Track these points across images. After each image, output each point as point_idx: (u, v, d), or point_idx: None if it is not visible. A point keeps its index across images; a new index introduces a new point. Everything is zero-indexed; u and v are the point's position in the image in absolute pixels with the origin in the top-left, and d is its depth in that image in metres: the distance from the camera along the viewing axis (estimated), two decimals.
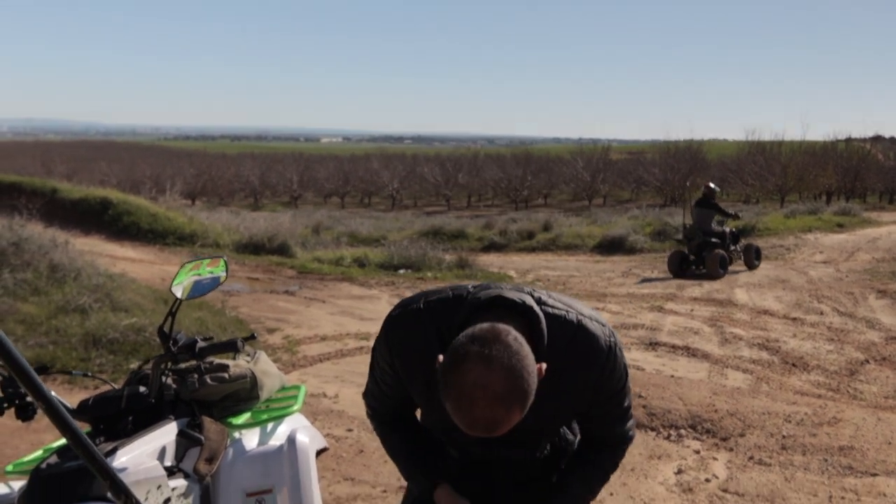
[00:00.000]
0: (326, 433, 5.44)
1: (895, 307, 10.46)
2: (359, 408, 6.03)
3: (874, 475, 4.70)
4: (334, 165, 62.09)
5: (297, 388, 2.65)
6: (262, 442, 2.37)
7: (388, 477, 4.70)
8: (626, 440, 1.96)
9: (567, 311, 1.74)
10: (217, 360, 2.44)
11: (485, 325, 1.52)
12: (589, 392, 1.78)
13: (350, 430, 5.57)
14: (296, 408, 2.47)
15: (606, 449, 1.94)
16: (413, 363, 1.79)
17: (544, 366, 1.55)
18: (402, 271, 13.85)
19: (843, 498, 4.39)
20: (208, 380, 2.36)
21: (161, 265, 13.04)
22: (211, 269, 2.45)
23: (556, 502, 1.89)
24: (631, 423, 1.94)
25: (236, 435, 2.36)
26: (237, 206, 44.06)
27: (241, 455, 2.25)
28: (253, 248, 15.24)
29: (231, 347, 2.32)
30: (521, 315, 1.63)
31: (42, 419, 5.44)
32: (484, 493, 1.97)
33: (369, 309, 10.27)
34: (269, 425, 2.45)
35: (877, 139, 63.34)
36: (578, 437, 2.02)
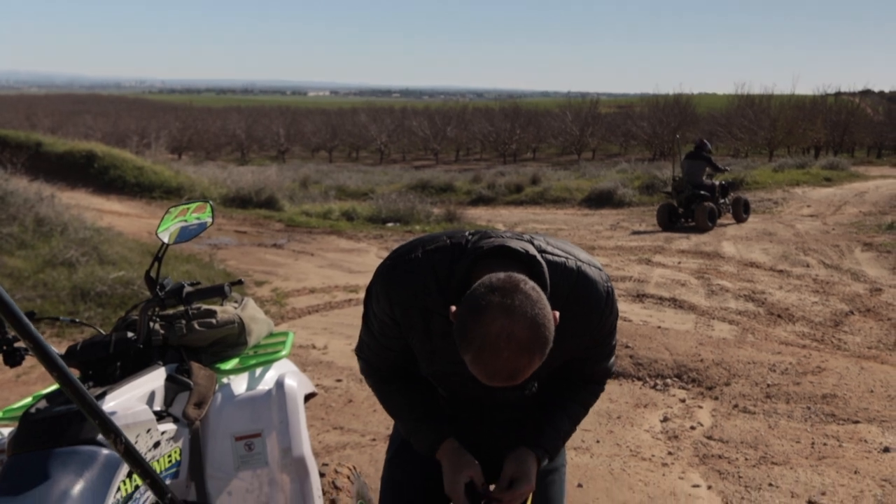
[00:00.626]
0: (316, 384, 5.46)
1: (880, 260, 10.53)
2: (347, 358, 6.06)
3: (856, 422, 4.77)
4: (321, 119, 61.56)
5: (285, 334, 2.65)
6: (250, 387, 2.37)
7: (376, 426, 4.74)
8: (609, 375, 1.99)
9: (567, 259, 1.74)
10: (205, 306, 2.44)
11: (501, 275, 1.51)
12: (587, 335, 1.80)
13: (339, 381, 5.60)
14: (284, 353, 2.47)
15: (590, 384, 1.98)
16: (413, 313, 1.77)
17: (558, 314, 1.55)
18: (390, 224, 13.84)
19: (825, 444, 4.45)
20: (196, 325, 2.36)
21: (148, 219, 12.97)
22: (197, 214, 2.43)
23: (544, 438, 1.91)
24: (614, 359, 1.96)
25: (225, 380, 2.36)
26: (224, 160, 43.72)
27: (230, 399, 2.26)
28: (240, 201, 15.18)
29: (218, 292, 2.31)
30: (523, 264, 1.63)
31: (32, 371, 5.45)
32: (474, 433, 1.99)
33: (358, 262, 10.28)
34: (258, 370, 2.46)
35: (866, 93, 63.30)
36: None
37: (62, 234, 9.44)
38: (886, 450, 4.35)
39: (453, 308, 1.55)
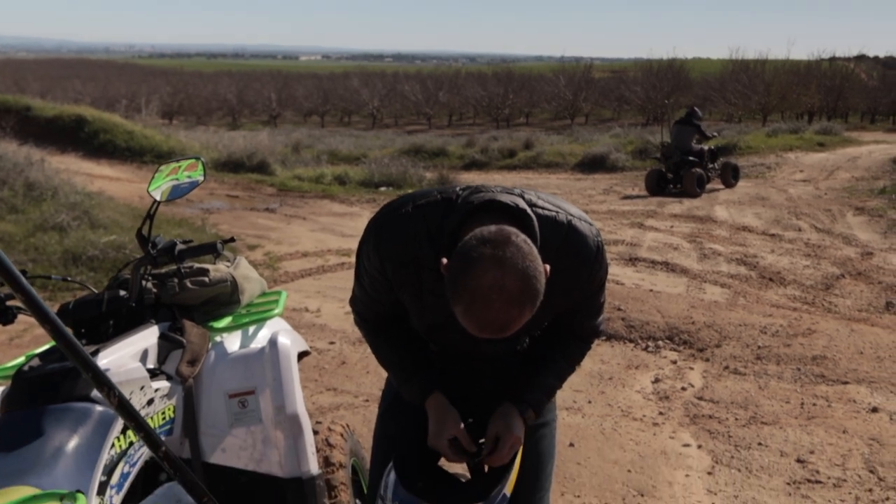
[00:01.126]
0: (309, 346, 5.48)
1: (872, 224, 10.57)
2: (340, 321, 6.08)
3: (845, 383, 4.81)
4: (313, 84, 61.04)
5: (278, 293, 2.65)
6: (243, 344, 2.37)
7: (369, 387, 4.76)
8: (598, 333, 2.00)
9: (557, 213, 1.74)
10: (197, 264, 2.43)
11: (492, 228, 1.51)
12: (577, 291, 1.80)
13: (332, 343, 5.62)
14: (277, 311, 2.47)
15: (578, 342, 1.98)
16: (403, 268, 1.77)
17: (549, 267, 1.56)
18: (382, 189, 13.80)
19: (814, 405, 4.50)
20: (188, 284, 2.35)
21: (139, 183, 12.89)
22: (189, 172, 2.41)
23: (529, 394, 1.92)
24: (602, 317, 1.96)
25: (218, 338, 2.36)
26: (215, 125, 43.38)
27: (223, 357, 2.26)
28: (232, 166, 15.10)
29: (210, 249, 2.30)
30: (514, 218, 1.63)
31: (24, 334, 5.44)
32: (463, 386, 2.00)
33: (350, 226, 10.26)
34: (251, 328, 2.46)
35: (861, 58, 63.08)
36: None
37: (53, 199, 9.40)
38: (875, 410, 4.40)
39: (444, 261, 1.55)
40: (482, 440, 1.91)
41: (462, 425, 1.89)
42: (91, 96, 45.80)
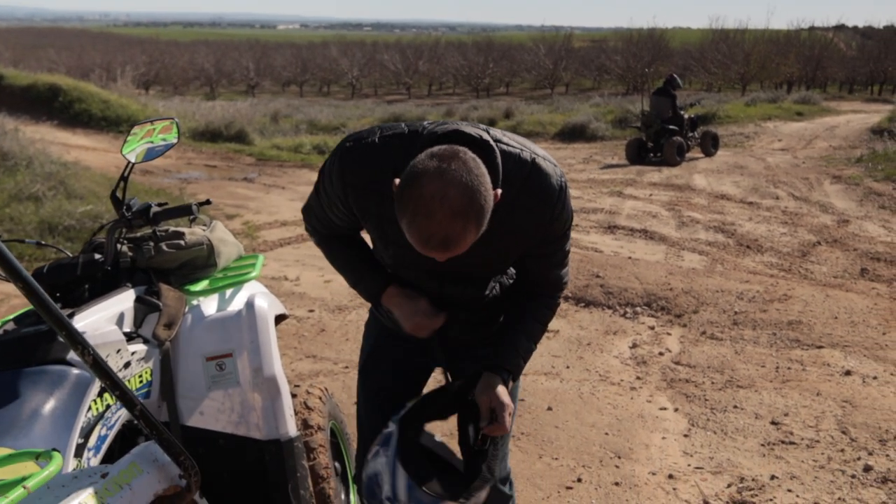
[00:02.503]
0: (289, 313, 5.48)
1: (848, 192, 10.66)
2: (320, 290, 6.07)
3: (820, 347, 4.88)
4: (292, 53, 60.37)
5: (255, 256, 2.63)
6: (220, 308, 2.36)
7: (349, 354, 4.77)
8: (562, 286, 2.01)
9: (522, 150, 1.74)
10: (172, 228, 2.41)
11: (443, 146, 1.54)
12: (539, 230, 1.80)
13: (311, 311, 5.62)
14: (253, 274, 2.46)
15: (544, 298, 1.99)
16: (367, 197, 1.78)
17: (500, 191, 1.57)
18: None
19: (789, 368, 4.56)
20: (164, 247, 2.33)
21: (115, 153, 12.73)
22: (163, 135, 2.39)
23: (505, 359, 1.93)
24: (567, 269, 1.97)
25: (195, 301, 2.35)
26: (192, 95, 42.88)
27: (200, 320, 2.25)
28: (210, 135, 14.94)
29: (186, 212, 2.29)
30: (478, 149, 1.63)
31: (2, 304, 5.38)
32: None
33: None
34: (228, 292, 2.45)
35: (840, 28, 63.16)
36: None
37: (27, 169, 9.27)
38: (848, 373, 4.46)
39: (396, 180, 1.55)
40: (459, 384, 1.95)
41: (426, 301, 1.93)
42: (66, 66, 45.03)
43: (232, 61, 56.55)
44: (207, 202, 2.49)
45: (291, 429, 2.27)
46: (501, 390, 1.88)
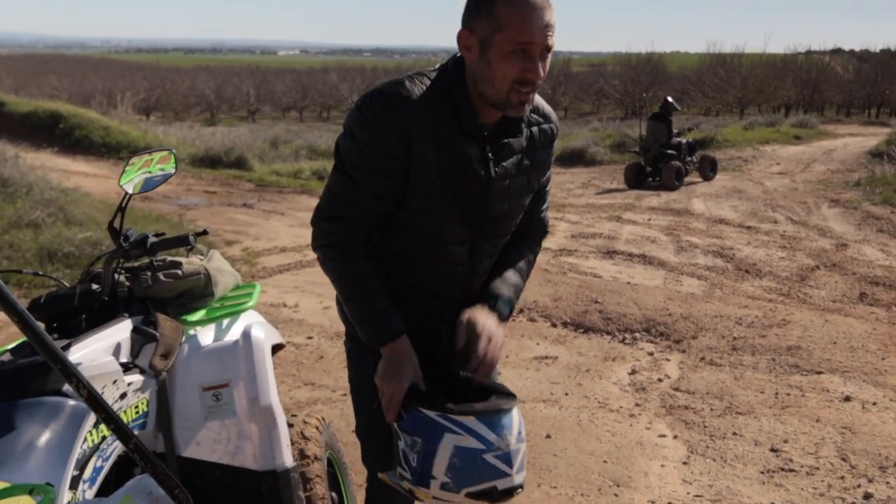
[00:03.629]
0: (287, 341, 5.46)
1: (846, 216, 10.68)
2: (318, 316, 6.07)
3: (819, 373, 4.87)
4: (292, 79, 60.79)
5: (252, 286, 2.64)
6: (217, 338, 2.36)
7: (346, 381, 4.74)
8: (546, 229, 2.19)
9: None
10: (170, 257, 2.42)
11: None
12: (550, 154, 2.00)
13: (310, 338, 5.61)
14: (250, 304, 2.47)
15: (531, 242, 2.13)
16: (421, 123, 1.77)
17: None
18: None
19: (788, 394, 4.54)
20: (161, 277, 2.34)
21: (115, 179, 12.64)
22: (161, 165, 2.40)
23: (503, 288, 1.98)
24: (548, 206, 2.15)
25: (192, 331, 2.35)
26: (193, 120, 43.07)
27: (197, 350, 2.25)
28: (210, 161, 14.99)
29: (183, 242, 2.30)
30: None
31: (1, 331, 5.37)
32: (421, 332, 1.96)
33: None
34: (225, 321, 2.45)
35: (837, 52, 63.56)
36: None
37: (27, 195, 9.31)
38: (847, 399, 4.45)
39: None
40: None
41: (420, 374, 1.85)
42: (67, 92, 45.30)
43: (232, 87, 56.88)
44: (205, 232, 2.51)
45: (288, 459, 2.26)
46: (489, 319, 1.89)
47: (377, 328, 1.87)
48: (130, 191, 2.33)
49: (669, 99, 14.85)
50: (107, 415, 1.47)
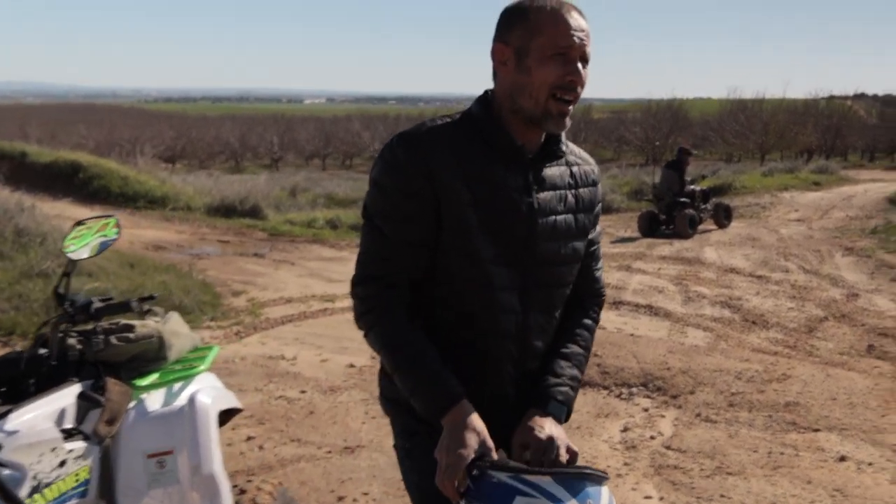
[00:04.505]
0: (280, 395, 5.46)
1: (860, 264, 10.55)
2: (315, 369, 6.05)
3: (816, 430, 4.76)
4: (315, 127, 61.62)
5: (210, 348, 2.63)
6: (166, 402, 2.35)
7: (334, 438, 4.72)
8: (603, 294, 2.04)
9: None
10: (123, 320, 2.42)
11: None
12: (596, 196, 1.92)
13: (303, 392, 5.58)
14: (202, 367, 2.45)
15: (591, 309, 1.99)
16: (448, 159, 1.70)
17: None
18: None
19: (782, 453, 4.44)
20: (114, 340, 2.35)
21: (130, 229, 12.92)
22: (103, 232, 2.43)
23: (559, 389, 1.78)
24: (602, 268, 2.04)
25: (142, 396, 2.35)
26: (218, 168, 43.70)
27: (143, 416, 2.24)
28: (224, 210, 15.13)
29: (125, 308, 2.31)
30: None
31: None
32: (479, 392, 1.72)
33: (338, 270, 10.26)
34: (175, 386, 2.43)
35: (859, 97, 63.41)
36: None
37: (41, 245, 9.42)
38: (842, 458, 4.34)
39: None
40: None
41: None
42: (95, 140, 46.22)
43: (257, 135, 57.76)
44: (151, 297, 2.51)
45: None
46: (543, 422, 1.70)
47: (432, 394, 1.65)
48: (74, 258, 2.35)
49: (684, 146, 14.86)
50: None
